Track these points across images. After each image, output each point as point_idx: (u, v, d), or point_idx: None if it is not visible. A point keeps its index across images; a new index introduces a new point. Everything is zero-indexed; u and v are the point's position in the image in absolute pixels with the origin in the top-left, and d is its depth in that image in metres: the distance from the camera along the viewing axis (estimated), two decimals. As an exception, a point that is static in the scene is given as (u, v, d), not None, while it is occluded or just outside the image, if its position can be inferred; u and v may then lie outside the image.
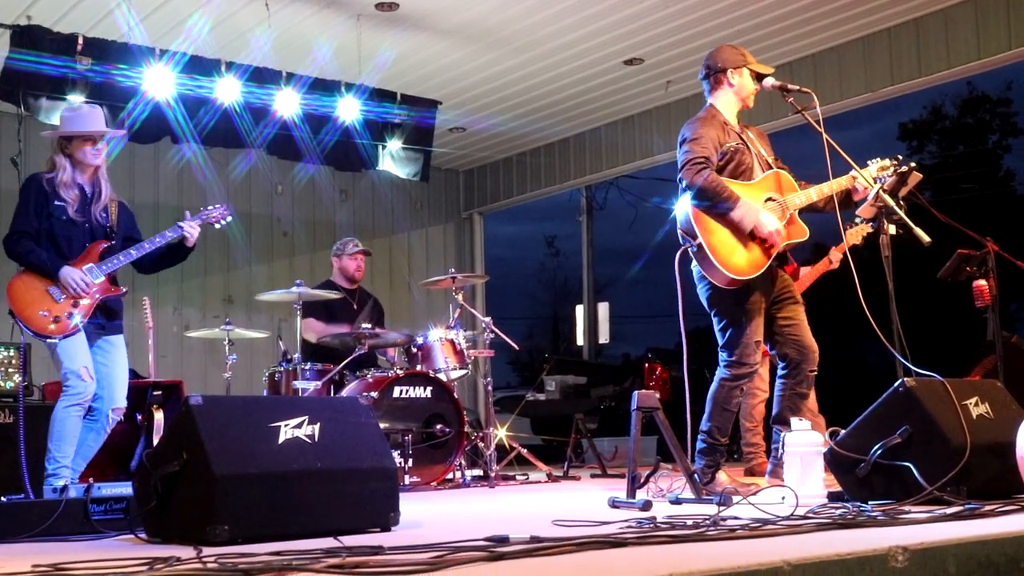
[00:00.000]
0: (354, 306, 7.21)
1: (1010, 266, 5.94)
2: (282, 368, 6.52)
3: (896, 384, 3.76)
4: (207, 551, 2.61)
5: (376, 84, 8.26)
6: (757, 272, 4.53)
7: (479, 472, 6.57)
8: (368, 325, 6.66)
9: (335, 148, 8.24)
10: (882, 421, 3.72)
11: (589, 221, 15.49)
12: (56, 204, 4.87)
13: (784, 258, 4.77)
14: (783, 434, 4.34)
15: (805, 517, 3.13)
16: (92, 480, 3.68)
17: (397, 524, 3.30)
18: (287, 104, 7.72)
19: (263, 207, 10.02)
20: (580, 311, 15.51)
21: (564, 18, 7.54)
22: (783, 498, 3.63)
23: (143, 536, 3.14)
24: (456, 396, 6.44)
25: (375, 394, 5.91)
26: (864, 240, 6.00)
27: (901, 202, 4.51)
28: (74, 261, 4.85)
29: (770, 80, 4.75)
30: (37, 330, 4.73)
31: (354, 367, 6.49)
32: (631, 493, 4.07)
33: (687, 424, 4.51)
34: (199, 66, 7.42)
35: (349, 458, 3.27)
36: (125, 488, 3.42)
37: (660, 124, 9.42)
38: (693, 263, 4.61)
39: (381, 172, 8.98)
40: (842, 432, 3.86)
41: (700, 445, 4.69)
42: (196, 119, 7.49)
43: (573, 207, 15.62)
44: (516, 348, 7.07)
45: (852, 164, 4.62)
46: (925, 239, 4.33)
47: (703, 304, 4.74)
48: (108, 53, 7.08)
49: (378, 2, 7.13)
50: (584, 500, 4.67)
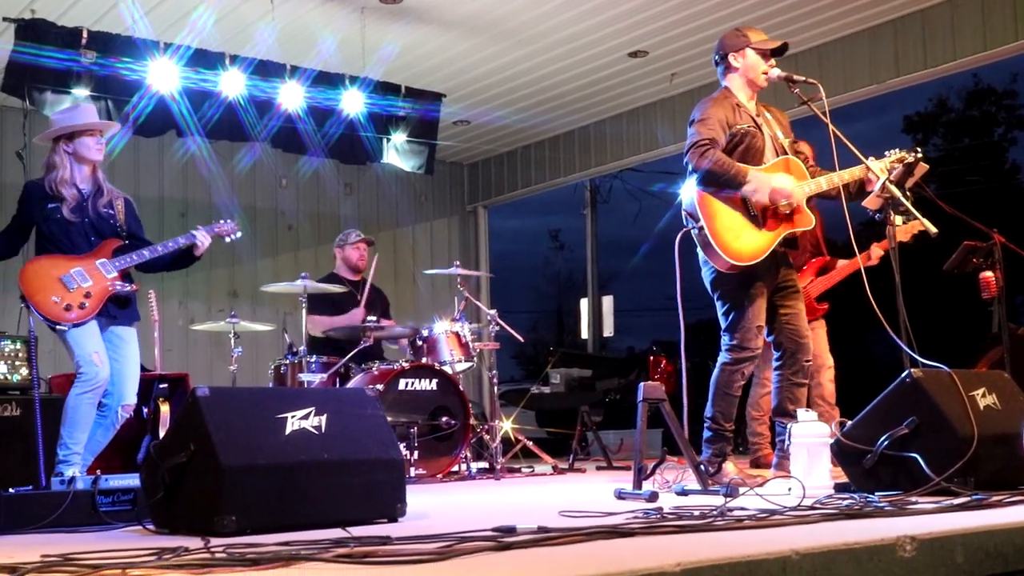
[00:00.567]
0: (358, 298, 7.22)
1: (1016, 258, 5.94)
2: (288, 361, 6.53)
3: (903, 375, 3.75)
4: (215, 542, 2.61)
5: (380, 77, 8.25)
6: (758, 258, 4.53)
7: (484, 464, 6.58)
8: (374, 318, 6.67)
9: (339, 141, 8.23)
10: (889, 412, 3.72)
11: (593, 214, 15.48)
12: (50, 206, 4.89)
13: (792, 243, 4.76)
14: (789, 426, 4.34)
15: (812, 508, 3.12)
16: (99, 472, 3.68)
17: (404, 515, 3.30)
18: (291, 97, 7.71)
19: (267, 200, 10.02)
20: (584, 304, 15.52)
21: (568, 10, 7.53)
22: (790, 489, 3.63)
23: (151, 527, 3.14)
24: (462, 388, 6.45)
25: (381, 386, 5.92)
26: (914, 238, 5.20)
27: (908, 193, 4.50)
28: (83, 256, 4.86)
29: (776, 71, 4.74)
30: (49, 316, 4.73)
31: (360, 360, 6.49)
32: (637, 484, 4.06)
33: (683, 397, 4.50)
34: (203, 59, 7.42)
35: (356, 449, 3.28)
36: (132, 480, 3.42)
37: (664, 116, 9.40)
38: (697, 247, 4.61)
39: (385, 165, 8.96)
40: (849, 423, 3.86)
41: (706, 433, 4.71)
42: (200, 112, 7.49)
43: (577, 200, 15.62)
44: (521, 340, 7.06)
45: (859, 155, 4.59)
46: (932, 230, 4.32)
47: (707, 288, 4.74)
48: (112, 46, 7.07)
49: (382, -6, 7.13)
50: (590, 492, 4.67)
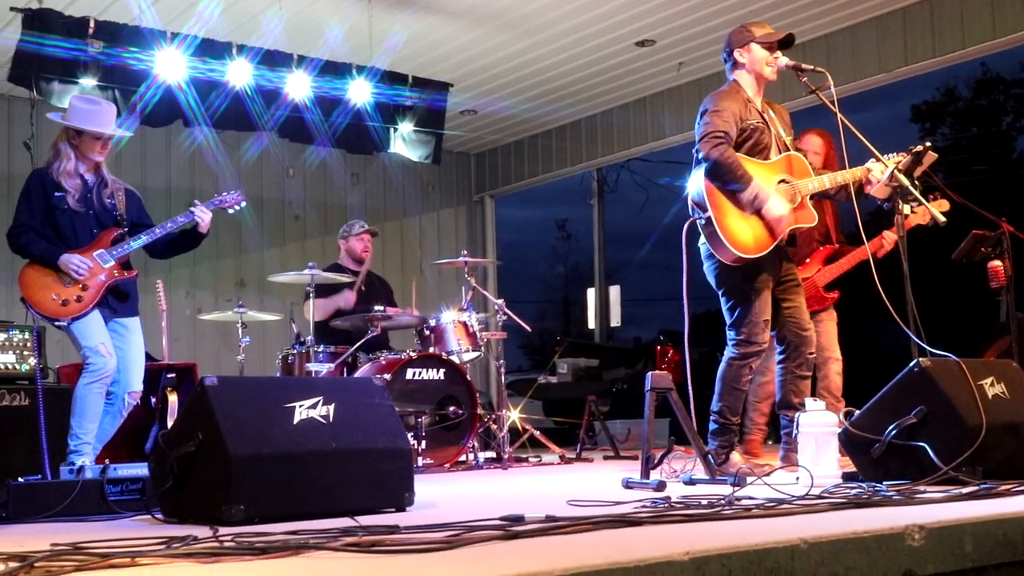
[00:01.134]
0: (361, 288, 7.21)
1: (1025, 246, 5.92)
2: (295, 350, 6.54)
3: (911, 364, 3.75)
4: (223, 530, 2.62)
5: (387, 66, 8.23)
6: (763, 251, 4.53)
7: (492, 454, 6.58)
8: (381, 308, 6.67)
9: (346, 131, 8.22)
10: (897, 401, 3.72)
11: (600, 204, 15.45)
12: (56, 195, 4.93)
13: (792, 239, 4.76)
14: (797, 415, 4.34)
15: (820, 497, 3.12)
16: (108, 461, 3.70)
17: (412, 504, 3.31)
18: (298, 87, 7.71)
19: (275, 190, 10.02)
20: (591, 294, 15.50)
21: (576, -1, 7.51)
22: (797, 479, 3.63)
23: (159, 516, 3.16)
24: (469, 378, 6.45)
25: (388, 376, 5.92)
26: (932, 221, 4.68)
27: (916, 182, 4.48)
28: (83, 248, 4.88)
29: (784, 60, 4.73)
30: (47, 313, 4.80)
31: (367, 349, 6.50)
32: (645, 474, 4.07)
33: (688, 387, 4.50)
34: (210, 49, 7.41)
35: (364, 438, 3.28)
36: (141, 469, 3.44)
37: (672, 106, 9.37)
38: (701, 239, 4.61)
39: (392, 155, 8.96)
40: (857, 412, 3.85)
41: (712, 426, 4.71)
42: (208, 102, 7.48)
43: (584, 190, 15.59)
44: (528, 330, 7.06)
45: (866, 143, 4.58)
46: (941, 219, 4.30)
47: (711, 283, 4.74)
48: (119, 36, 7.07)
49: (389, -16, 7.12)
50: (598, 481, 4.68)
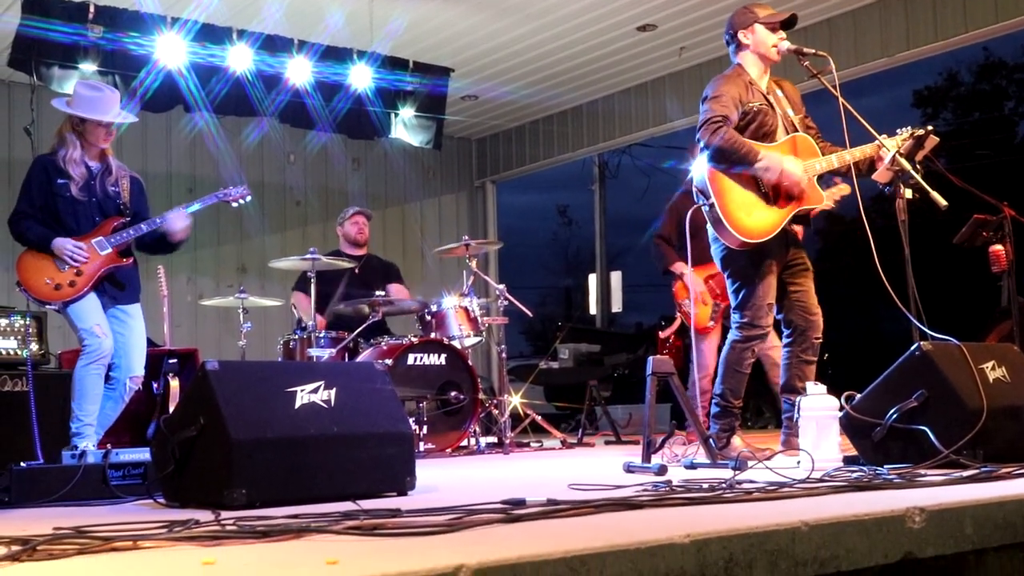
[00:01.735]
0: (356, 271, 7.20)
1: (1026, 231, 5.91)
2: (297, 336, 6.55)
3: (912, 348, 3.75)
4: (225, 514, 2.63)
5: (388, 52, 8.22)
6: (768, 235, 4.52)
7: (493, 439, 6.60)
8: (383, 293, 6.67)
9: (347, 116, 8.22)
10: (898, 385, 3.71)
11: (602, 190, 15.45)
12: (59, 183, 4.93)
13: (803, 220, 4.74)
14: (799, 399, 4.33)
15: (821, 480, 3.13)
16: (110, 446, 3.71)
17: (413, 488, 3.31)
18: (299, 72, 7.70)
19: (275, 176, 10.01)
20: (593, 280, 15.52)
21: (577, -17, 7.49)
22: (798, 462, 3.64)
23: (161, 500, 3.16)
24: (470, 363, 6.46)
25: (390, 361, 5.93)
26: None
27: (918, 166, 4.47)
28: (84, 235, 4.89)
29: (786, 43, 4.71)
30: (40, 297, 4.84)
31: (368, 335, 6.50)
32: (646, 458, 4.07)
33: (692, 372, 4.51)
34: (211, 34, 7.40)
35: (365, 423, 3.28)
36: (143, 453, 3.45)
37: (673, 91, 9.35)
38: (707, 223, 4.60)
39: (393, 140, 8.95)
40: (858, 396, 3.85)
41: (714, 409, 4.72)
42: (208, 88, 7.47)
43: (586, 176, 15.59)
44: (530, 315, 7.05)
45: (869, 128, 4.56)
46: (942, 203, 4.29)
47: (717, 265, 4.74)
48: (119, 21, 7.06)
49: (389, -32, 7.10)
50: (599, 466, 4.68)
